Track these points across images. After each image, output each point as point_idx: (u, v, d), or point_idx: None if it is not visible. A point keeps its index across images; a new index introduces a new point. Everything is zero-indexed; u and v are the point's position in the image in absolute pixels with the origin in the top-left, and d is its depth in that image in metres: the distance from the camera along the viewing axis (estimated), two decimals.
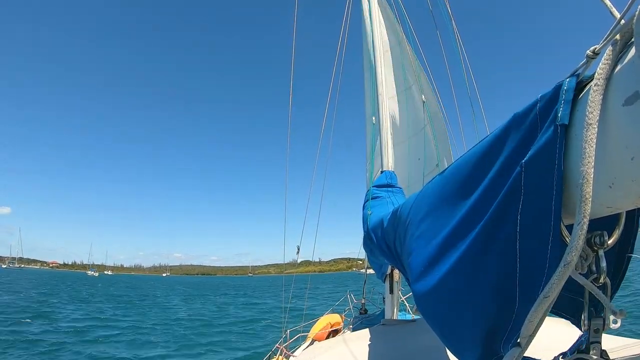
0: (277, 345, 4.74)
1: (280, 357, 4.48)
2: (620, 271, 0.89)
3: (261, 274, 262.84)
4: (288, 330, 5.21)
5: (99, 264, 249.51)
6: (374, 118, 4.63)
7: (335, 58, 5.72)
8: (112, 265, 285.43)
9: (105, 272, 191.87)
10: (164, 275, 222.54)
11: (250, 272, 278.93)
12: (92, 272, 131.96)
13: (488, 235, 0.78)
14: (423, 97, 5.41)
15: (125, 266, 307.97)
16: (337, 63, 5.73)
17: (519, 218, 0.71)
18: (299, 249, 6.22)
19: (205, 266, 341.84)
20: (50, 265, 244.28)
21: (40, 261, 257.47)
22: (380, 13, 4.69)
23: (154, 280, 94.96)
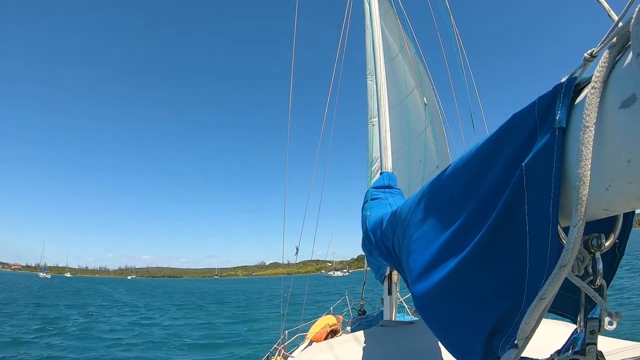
0: (275, 345, 4.74)
1: (279, 357, 4.48)
2: (611, 271, 0.90)
3: (228, 277, 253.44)
4: (286, 331, 5.21)
5: (63, 266, 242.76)
6: (374, 120, 4.65)
7: (335, 61, 5.74)
8: (77, 267, 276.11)
9: (65, 275, 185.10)
10: (129, 277, 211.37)
11: (216, 275, 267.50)
12: (44, 274, 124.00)
13: (494, 237, 0.78)
14: (425, 99, 5.43)
15: (90, 268, 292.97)
16: (336, 65, 5.75)
17: (527, 219, 0.71)
18: (297, 250, 6.23)
19: (172, 268, 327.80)
20: (12, 268, 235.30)
21: (2, 263, 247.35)
22: (379, 16, 4.70)
23: (111, 284, 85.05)
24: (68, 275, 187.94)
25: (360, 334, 2.86)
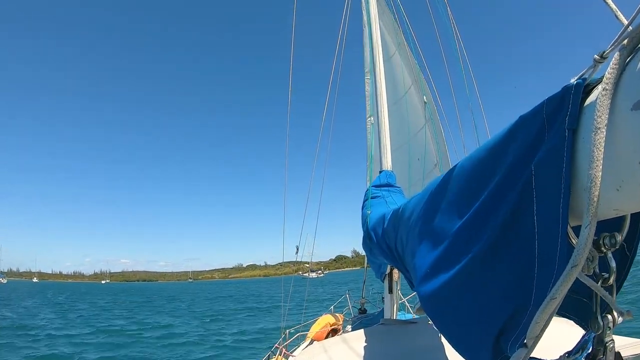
0: (276, 345, 4.76)
1: (280, 356, 4.49)
2: (623, 272, 0.90)
3: (205, 279, 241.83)
4: (287, 330, 5.23)
5: (35, 271, 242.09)
6: (373, 118, 4.65)
7: (334, 60, 5.74)
8: (51, 272, 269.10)
9: (33, 280, 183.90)
10: (103, 282, 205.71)
11: (190, 278, 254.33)
12: (0, 279, 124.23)
13: (502, 237, 0.78)
14: (424, 98, 5.44)
15: (64, 273, 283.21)
16: (335, 64, 5.75)
17: (535, 220, 0.72)
18: (297, 249, 6.25)
19: (148, 272, 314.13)
20: None
21: None
22: (376, 13, 4.70)
23: (70, 289, 76.81)
24: (35, 280, 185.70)
25: (360, 333, 2.87)
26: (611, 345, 0.73)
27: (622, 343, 1.83)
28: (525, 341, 0.74)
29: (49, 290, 69.01)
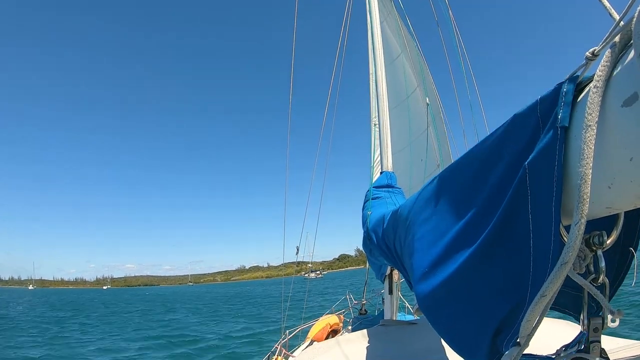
0: (276, 345, 4.76)
1: (280, 357, 4.49)
2: (622, 271, 0.90)
3: (207, 282, 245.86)
4: (287, 331, 5.23)
5: (37, 278, 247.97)
6: (375, 119, 4.65)
7: (335, 59, 5.74)
8: (52, 279, 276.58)
9: (28, 287, 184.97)
10: (104, 288, 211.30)
11: (190, 281, 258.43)
12: None
13: (498, 236, 0.78)
14: (427, 99, 5.43)
15: (65, 279, 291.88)
16: (337, 64, 5.75)
17: (530, 218, 0.72)
18: (298, 250, 6.25)
19: (149, 276, 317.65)
20: None
21: None
22: (381, 17, 4.71)
23: (58, 297, 69.35)
24: (31, 287, 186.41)
25: (360, 334, 2.86)
26: (598, 344, 0.73)
27: (618, 345, 1.81)
28: (518, 339, 0.74)
29: (24, 299, 60.26)
